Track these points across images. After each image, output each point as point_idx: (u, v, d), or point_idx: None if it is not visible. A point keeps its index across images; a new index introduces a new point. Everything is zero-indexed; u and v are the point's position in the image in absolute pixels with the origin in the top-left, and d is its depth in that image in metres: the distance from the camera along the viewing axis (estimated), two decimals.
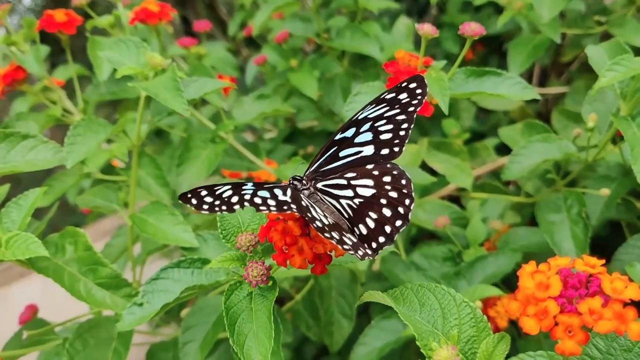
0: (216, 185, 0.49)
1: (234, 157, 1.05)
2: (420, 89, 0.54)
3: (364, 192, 0.52)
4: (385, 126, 0.54)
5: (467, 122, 1.42)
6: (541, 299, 0.40)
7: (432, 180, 0.89)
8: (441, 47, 1.53)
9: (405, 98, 0.54)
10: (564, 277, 0.41)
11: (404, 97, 0.54)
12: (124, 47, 0.74)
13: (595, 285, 0.40)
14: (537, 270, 0.42)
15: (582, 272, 0.41)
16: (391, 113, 0.54)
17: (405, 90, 0.54)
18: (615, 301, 0.39)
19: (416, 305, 0.48)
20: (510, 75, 0.75)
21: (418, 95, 0.54)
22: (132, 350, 0.73)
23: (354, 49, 1.16)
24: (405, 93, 0.54)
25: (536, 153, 0.84)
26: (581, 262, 0.42)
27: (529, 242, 0.92)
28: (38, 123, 0.89)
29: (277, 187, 0.50)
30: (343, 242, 0.47)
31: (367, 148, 0.54)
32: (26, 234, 0.61)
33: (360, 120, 0.55)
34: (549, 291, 0.40)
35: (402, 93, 0.54)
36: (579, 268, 0.41)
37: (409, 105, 0.54)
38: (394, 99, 0.54)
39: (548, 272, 0.41)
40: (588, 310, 0.38)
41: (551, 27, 1.04)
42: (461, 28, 0.72)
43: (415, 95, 0.54)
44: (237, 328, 0.50)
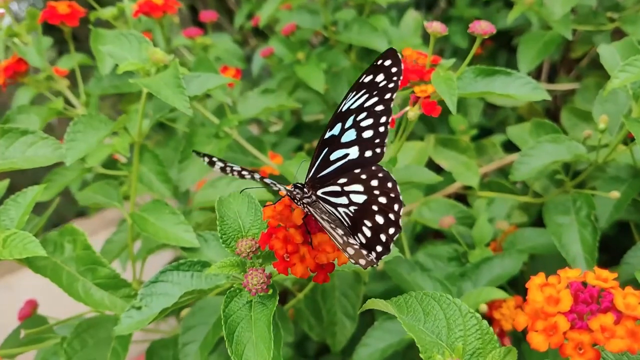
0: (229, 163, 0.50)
1: (237, 152, 1.04)
2: (395, 66, 0.51)
3: (357, 198, 0.51)
4: (366, 120, 0.52)
5: (475, 118, 1.40)
6: (551, 314, 0.38)
7: (438, 179, 0.88)
8: (449, 42, 1.51)
9: (382, 81, 0.52)
10: (574, 291, 0.39)
11: (381, 80, 0.52)
12: (126, 42, 0.72)
13: (608, 301, 0.38)
14: (546, 283, 0.41)
15: (593, 286, 0.39)
16: (370, 103, 0.52)
17: (381, 70, 0.52)
18: (628, 318, 0.37)
19: (420, 314, 0.47)
20: (520, 75, 0.73)
21: (394, 76, 0.52)
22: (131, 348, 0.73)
23: (361, 43, 1.15)
24: (381, 74, 0.52)
25: (545, 154, 0.82)
26: (592, 275, 0.40)
27: (536, 243, 0.90)
28: (40, 116, 0.87)
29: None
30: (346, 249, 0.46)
31: (353, 150, 0.52)
32: (24, 232, 0.60)
33: (344, 113, 0.53)
34: (559, 306, 0.38)
35: (378, 74, 0.52)
36: (590, 282, 0.40)
37: (385, 90, 0.52)
38: (372, 82, 0.52)
39: (558, 286, 0.40)
40: (600, 327, 0.37)
41: (563, 23, 1.02)
42: (471, 26, 0.70)
43: (391, 77, 0.52)
44: (236, 337, 0.48)
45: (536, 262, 0.98)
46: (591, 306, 0.38)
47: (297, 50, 1.22)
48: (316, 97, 1.35)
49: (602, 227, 0.82)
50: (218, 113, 1.06)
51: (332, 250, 0.49)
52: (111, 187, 0.79)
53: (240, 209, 0.57)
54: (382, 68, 0.52)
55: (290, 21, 1.26)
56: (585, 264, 0.79)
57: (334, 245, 0.50)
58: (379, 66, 0.52)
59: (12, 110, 0.88)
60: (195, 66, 0.96)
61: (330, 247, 0.49)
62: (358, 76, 0.53)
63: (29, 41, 0.92)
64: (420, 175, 0.88)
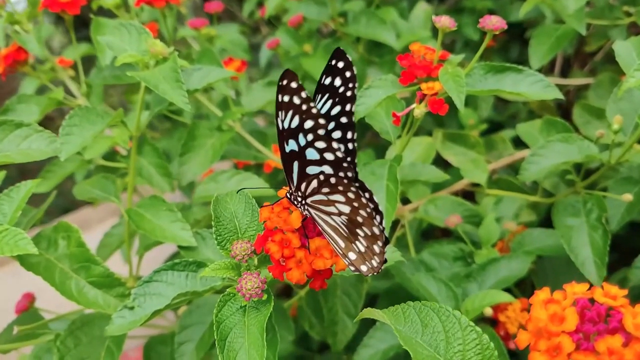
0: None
1: (241, 145, 1.02)
2: (348, 70, 0.49)
3: (343, 208, 0.48)
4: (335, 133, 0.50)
5: (485, 112, 1.37)
6: (555, 334, 0.36)
7: (444, 177, 0.85)
8: (461, 33, 1.48)
9: (340, 86, 0.49)
10: (581, 309, 0.37)
11: (339, 85, 0.49)
12: (126, 32, 0.70)
13: (616, 321, 0.36)
14: (551, 299, 0.39)
15: (601, 304, 0.37)
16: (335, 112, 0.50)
17: (337, 73, 0.49)
18: (637, 340, 0.35)
19: (418, 326, 0.45)
20: (531, 72, 0.70)
21: (349, 82, 0.49)
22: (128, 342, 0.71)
23: (369, 36, 1.12)
24: (338, 78, 0.49)
25: (555, 154, 0.79)
26: (601, 291, 0.38)
27: (544, 245, 0.88)
28: (39, 106, 0.86)
29: None
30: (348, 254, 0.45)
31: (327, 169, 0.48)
32: (15, 229, 0.58)
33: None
34: (564, 325, 0.36)
35: (335, 77, 0.49)
36: (598, 299, 0.37)
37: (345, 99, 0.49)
38: (332, 86, 0.49)
39: (563, 302, 0.38)
40: (607, 349, 0.35)
41: (576, 17, 0.98)
42: (481, 21, 0.67)
43: (347, 82, 0.49)
44: (228, 344, 0.47)
45: (544, 263, 0.96)
46: (598, 326, 0.36)
47: (303, 42, 1.19)
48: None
49: (613, 230, 0.80)
50: (223, 105, 1.04)
51: (330, 255, 0.47)
52: (109, 181, 0.77)
53: (237, 209, 0.55)
54: (337, 70, 0.49)
55: (298, 12, 1.24)
56: (595, 268, 0.77)
57: (332, 250, 0.48)
58: (333, 67, 0.49)
59: (11, 100, 0.86)
60: (198, 58, 0.94)
61: (328, 253, 0.48)
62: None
63: (30, 29, 0.90)
64: (426, 173, 0.85)
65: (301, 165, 0.48)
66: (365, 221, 0.47)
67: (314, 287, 0.48)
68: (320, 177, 0.47)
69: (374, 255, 0.47)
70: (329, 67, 0.49)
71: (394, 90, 0.71)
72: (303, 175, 0.48)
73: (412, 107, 0.70)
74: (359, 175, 0.68)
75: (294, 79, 0.45)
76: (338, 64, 0.49)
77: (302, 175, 0.48)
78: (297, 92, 0.45)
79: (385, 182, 0.72)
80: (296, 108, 0.45)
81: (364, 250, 0.47)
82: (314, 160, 0.47)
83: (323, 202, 0.48)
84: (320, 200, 0.48)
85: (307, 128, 0.46)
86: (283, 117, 0.47)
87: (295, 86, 0.45)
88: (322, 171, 0.48)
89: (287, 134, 0.47)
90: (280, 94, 0.46)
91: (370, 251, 0.47)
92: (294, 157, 0.48)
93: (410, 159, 1.05)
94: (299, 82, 0.45)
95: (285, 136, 0.47)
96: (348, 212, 0.47)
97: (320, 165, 0.47)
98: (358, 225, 0.47)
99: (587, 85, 1.26)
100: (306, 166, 0.48)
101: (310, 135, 0.46)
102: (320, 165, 0.47)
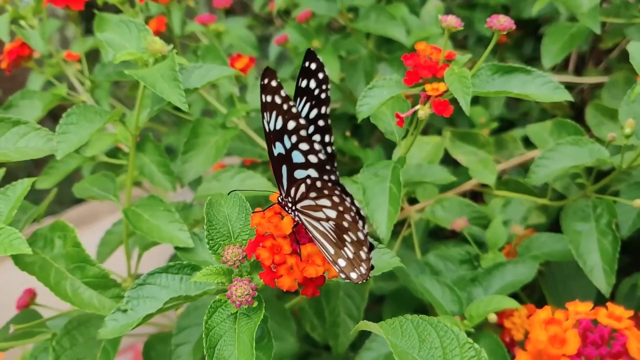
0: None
1: (246, 143, 1.01)
2: (320, 71, 0.48)
3: (330, 213, 0.47)
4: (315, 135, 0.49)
5: (497, 110, 1.35)
6: (555, 357, 0.34)
7: (451, 179, 0.83)
8: (473, 29, 1.45)
9: (315, 89, 0.48)
10: (583, 330, 0.35)
11: (314, 87, 0.48)
12: (126, 29, 0.69)
13: (620, 344, 0.34)
14: (552, 319, 0.37)
15: (605, 326, 0.35)
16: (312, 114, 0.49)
17: (311, 75, 0.48)
18: None
19: (415, 341, 0.44)
20: (540, 73, 0.68)
21: (322, 84, 0.48)
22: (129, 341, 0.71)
23: (378, 32, 1.10)
24: (312, 80, 0.48)
25: (565, 157, 0.77)
26: (605, 312, 0.36)
27: (552, 250, 0.86)
28: (43, 102, 0.85)
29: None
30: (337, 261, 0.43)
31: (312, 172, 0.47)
32: (10, 228, 0.58)
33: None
34: (565, 348, 0.35)
35: (310, 79, 0.48)
36: (602, 321, 0.36)
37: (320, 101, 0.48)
38: (307, 89, 0.48)
39: (565, 323, 0.36)
40: None
41: (590, 16, 0.96)
42: (489, 21, 0.65)
43: (321, 84, 0.48)
44: (217, 351, 0.46)
45: (552, 267, 0.94)
46: (601, 349, 0.34)
47: (312, 37, 1.18)
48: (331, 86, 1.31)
49: (623, 236, 0.78)
50: (230, 102, 1.02)
51: (322, 262, 0.46)
52: (108, 179, 0.76)
53: (231, 213, 0.54)
54: (310, 72, 0.48)
55: (307, 7, 1.22)
56: (604, 275, 0.75)
57: (324, 257, 0.47)
58: (307, 69, 0.48)
59: (15, 96, 0.85)
60: (203, 55, 0.93)
61: (320, 259, 0.46)
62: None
63: (35, 24, 0.90)
64: (432, 175, 0.84)
65: (289, 169, 0.47)
66: (350, 226, 0.46)
67: (305, 294, 0.47)
68: (307, 182, 0.46)
69: (361, 262, 0.46)
70: (303, 69, 0.48)
71: (399, 91, 0.70)
72: (292, 179, 0.47)
73: (416, 109, 0.68)
74: (361, 176, 0.67)
75: (274, 77, 0.44)
76: (311, 65, 0.48)
77: (290, 180, 0.47)
78: (277, 91, 0.44)
79: (388, 184, 0.71)
80: (278, 108, 0.44)
81: (351, 256, 0.46)
82: (300, 163, 0.46)
83: (311, 207, 0.47)
84: (309, 206, 0.47)
85: (291, 129, 0.45)
86: (268, 119, 0.46)
87: (275, 85, 0.44)
88: (309, 175, 0.47)
89: (273, 137, 0.46)
90: (263, 94, 0.45)
91: (357, 257, 0.46)
92: (282, 160, 0.47)
93: (418, 158, 1.03)
94: (278, 81, 0.44)
95: (272, 139, 0.46)
96: (335, 217, 0.46)
97: (306, 168, 0.47)
98: (344, 230, 0.46)
99: (601, 83, 1.23)
100: (294, 170, 0.47)
101: (294, 137, 0.45)
102: (306, 169, 0.47)
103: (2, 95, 2.06)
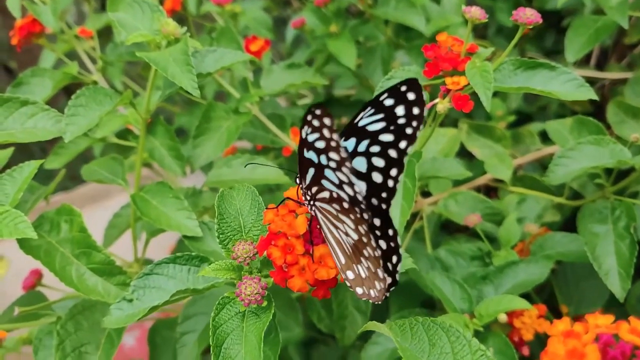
0: None
1: (258, 129, 0.99)
2: (416, 106, 0.43)
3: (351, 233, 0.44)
4: (377, 159, 0.45)
5: (515, 103, 1.33)
6: None
7: (466, 175, 0.82)
8: (494, 18, 1.42)
9: (401, 117, 0.44)
10: (603, 345, 0.34)
11: (400, 115, 0.44)
12: (139, 10, 0.67)
13: None
14: (570, 332, 0.35)
15: (626, 342, 0.34)
16: (385, 139, 0.45)
17: (402, 101, 0.44)
18: None
19: (425, 344, 0.42)
20: (564, 69, 0.66)
21: (413, 120, 0.44)
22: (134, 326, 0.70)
23: (397, 19, 1.08)
24: (402, 107, 0.44)
25: (585, 157, 0.75)
26: (627, 327, 0.35)
27: (566, 250, 0.84)
28: (54, 80, 0.83)
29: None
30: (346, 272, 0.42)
31: (361, 185, 0.45)
32: (16, 211, 0.56)
33: (360, 130, 0.45)
34: None
35: (399, 104, 0.44)
36: (623, 336, 0.34)
37: (402, 134, 0.44)
38: (391, 111, 0.44)
39: (584, 337, 0.35)
40: None
41: (619, 10, 0.92)
42: (515, 14, 0.63)
43: (411, 119, 0.44)
44: (224, 350, 0.44)
45: (565, 267, 0.92)
46: None
47: (330, 22, 1.15)
48: (348, 72, 1.29)
49: None
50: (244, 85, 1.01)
51: (334, 265, 0.45)
52: (117, 163, 0.75)
53: (243, 206, 0.52)
54: (403, 99, 0.44)
55: None
56: (619, 279, 0.73)
57: None
58: (400, 93, 0.44)
59: (25, 73, 0.84)
60: (217, 37, 0.91)
61: (332, 262, 0.45)
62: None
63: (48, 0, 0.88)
64: (447, 170, 0.82)
65: (317, 175, 0.44)
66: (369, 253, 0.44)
67: (316, 296, 0.45)
68: (334, 195, 0.43)
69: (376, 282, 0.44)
70: (395, 90, 0.44)
71: None
72: (317, 182, 0.44)
73: (435, 102, 0.66)
74: None
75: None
76: (408, 94, 0.44)
77: (316, 181, 0.45)
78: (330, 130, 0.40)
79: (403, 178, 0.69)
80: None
81: (364, 276, 0.44)
82: (331, 181, 0.43)
83: (331, 214, 0.45)
84: (329, 211, 0.45)
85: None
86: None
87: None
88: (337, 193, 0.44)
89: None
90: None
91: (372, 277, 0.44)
92: (312, 165, 0.44)
93: (434, 151, 1.02)
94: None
95: (307, 146, 0.43)
96: (354, 238, 0.44)
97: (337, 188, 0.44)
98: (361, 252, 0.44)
99: (624, 79, 1.20)
100: (322, 178, 0.44)
101: (332, 163, 0.42)
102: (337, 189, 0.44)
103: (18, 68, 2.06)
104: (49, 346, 0.68)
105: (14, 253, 0.63)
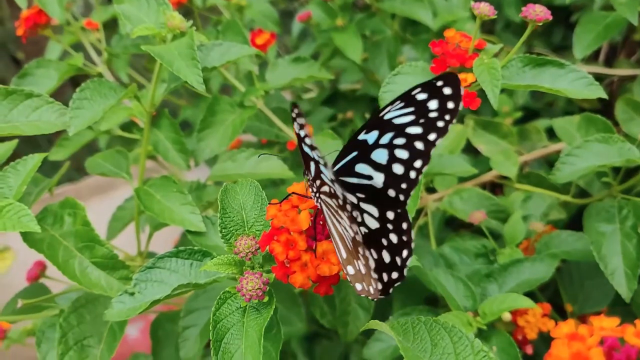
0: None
1: (263, 122, 0.99)
2: (452, 100, 0.44)
3: (370, 222, 0.45)
4: (401, 151, 0.45)
5: (521, 99, 1.32)
6: None
7: (472, 172, 0.81)
8: (502, 13, 1.41)
9: (434, 111, 0.44)
10: (608, 349, 0.34)
11: (433, 109, 0.44)
12: (144, 2, 0.67)
13: None
14: (575, 334, 0.35)
15: (632, 346, 0.34)
16: (413, 131, 0.45)
17: (437, 96, 0.44)
18: None
19: (427, 344, 0.42)
20: (573, 67, 0.65)
21: (446, 114, 0.44)
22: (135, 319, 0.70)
23: (404, 13, 1.07)
24: (435, 101, 0.44)
25: (593, 155, 0.74)
26: (633, 331, 0.34)
27: (572, 248, 0.83)
28: (59, 72, 0.83)
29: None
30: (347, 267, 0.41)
31: (378, 177, 0.46)
32: (19, 205, 0.56)
33: (385, 123, 0.46)
34: None
35: (432, 99, 0.44)
36: (629, 340, 0.34)
37: (432, 127, 0.44)
38: (424, 105, 0.44)
39: (589, 340, 0.34)
40: None
41: (629, 6, 0.91)
42: (524, 10, 0.62)
43: (444, 112, 0.44)
44: (224, 345, 0.44)
45: (570, 266, 0.92)
46: None
47: (336, 15, 1.15)
48: (353, 66, 1.28)
49: None
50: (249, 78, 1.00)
51: (337, 261, 0.44)
52: (121, 156, 0.75)
53: (246, 201, 0.52)
54: (439, 93, 0.44)
55: None
56: (625, 279, 0.72)
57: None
58: (435, 88, 0.44)
59: (30, 64, 0.84)
60: (223, 30, 0.90)
61: (335, 258, 0.44)
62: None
63: None
64: (453, 166, 0.82)
65: (316, 169, 0.44)
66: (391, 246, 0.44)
67: (318, 292, 0.45)
68: (331, 190, 0.43)
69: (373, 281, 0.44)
70: (430, 85, 0.44)
71: (425, 79, 0.67)
72: (318, 175, 0.44)
73: None
74: None
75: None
76: (444, 88, 0.44)
77: (317, 175, 0.45)
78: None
79: None
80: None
81: (364, 272, 0.44)
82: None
83: (333, 208, 0.45)
84: (331, 205, 0.45)
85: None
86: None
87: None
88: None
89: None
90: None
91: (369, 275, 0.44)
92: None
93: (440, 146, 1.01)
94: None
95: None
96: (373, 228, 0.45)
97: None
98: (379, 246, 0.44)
99: (633, 76, 1.19)
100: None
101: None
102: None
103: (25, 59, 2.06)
104: (51, 339, 0.68)
105: (20, 244, 0.63)
